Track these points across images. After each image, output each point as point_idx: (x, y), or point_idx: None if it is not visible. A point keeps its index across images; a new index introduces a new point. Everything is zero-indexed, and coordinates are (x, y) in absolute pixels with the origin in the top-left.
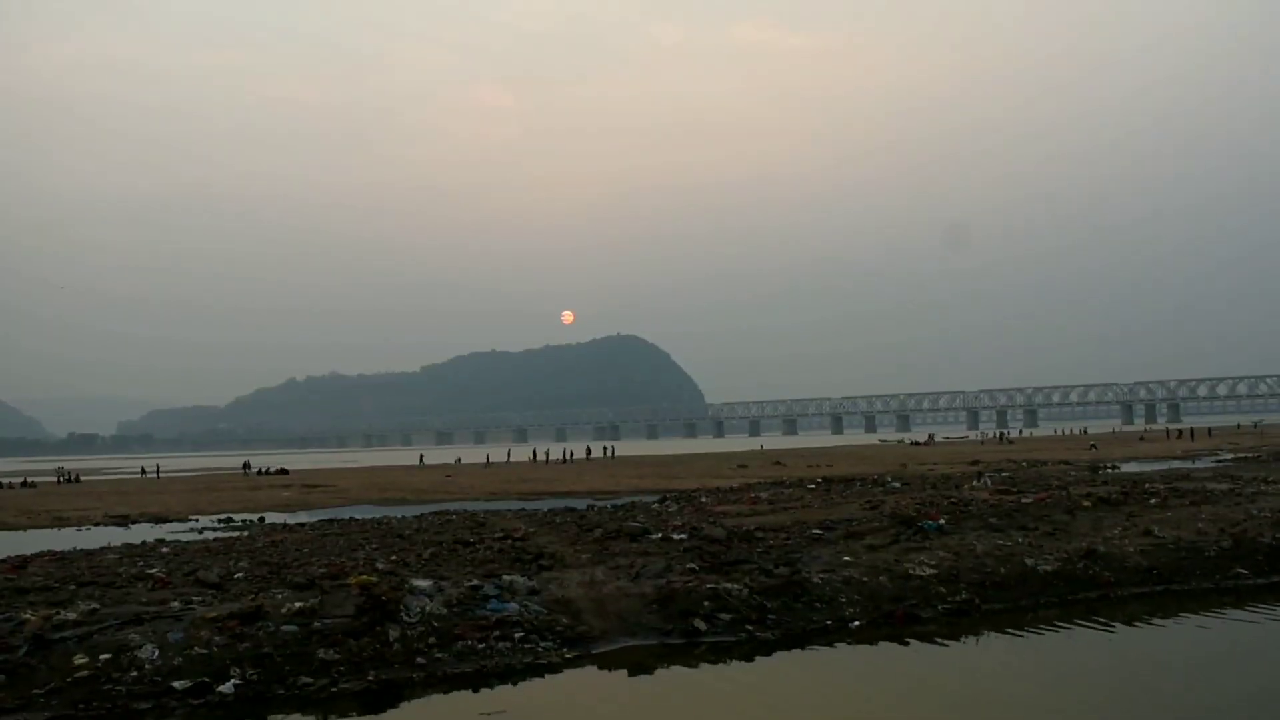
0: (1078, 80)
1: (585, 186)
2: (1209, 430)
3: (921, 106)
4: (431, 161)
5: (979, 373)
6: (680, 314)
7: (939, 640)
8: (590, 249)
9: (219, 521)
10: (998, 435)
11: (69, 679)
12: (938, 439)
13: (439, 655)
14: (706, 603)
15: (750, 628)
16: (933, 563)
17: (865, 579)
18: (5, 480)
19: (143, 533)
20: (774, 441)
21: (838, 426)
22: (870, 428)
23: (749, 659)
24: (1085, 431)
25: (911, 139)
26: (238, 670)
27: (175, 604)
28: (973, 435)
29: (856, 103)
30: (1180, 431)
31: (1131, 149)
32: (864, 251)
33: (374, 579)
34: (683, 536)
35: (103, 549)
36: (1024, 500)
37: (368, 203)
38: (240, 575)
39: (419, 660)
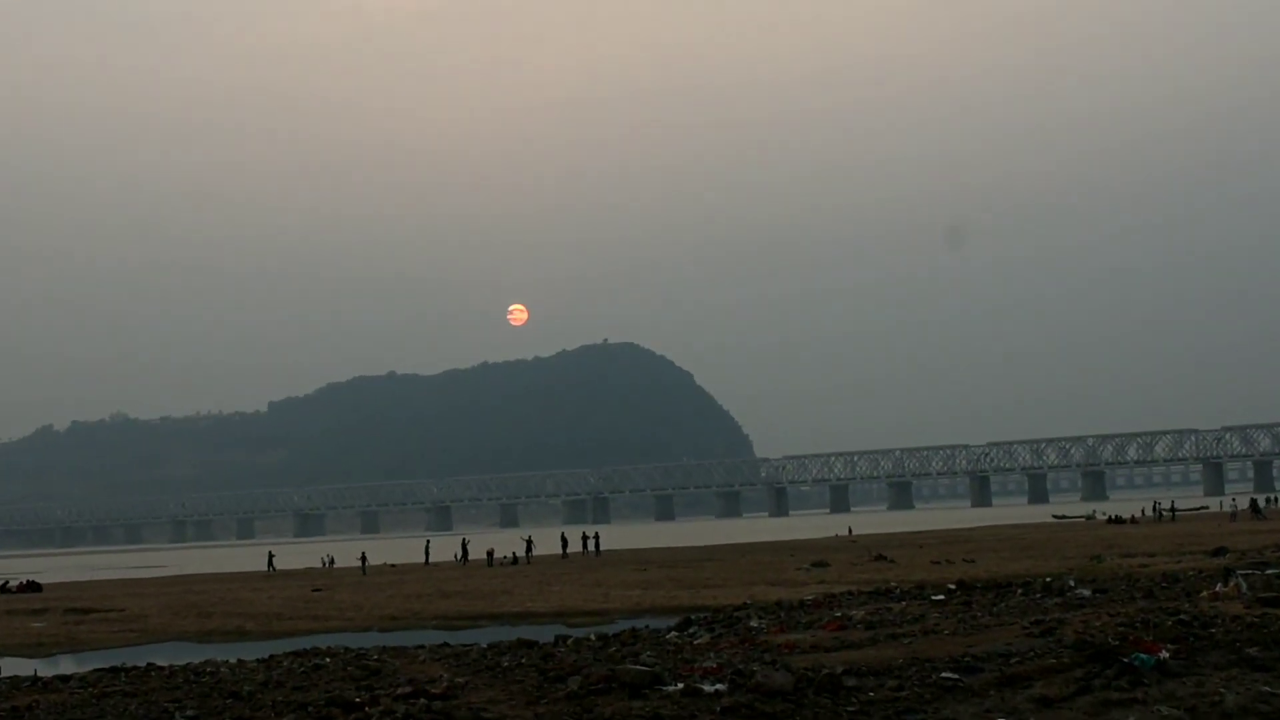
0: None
1: (544, 88)
2: None
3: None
4: (274, 54)
5: (1207, 403)
6: (710, 311)
7: None
8: (554, 198)
9: None
10: (1252, 505)
11: None
12: (1156, 511)
13: None
14: None
15: None
16: None
17: None
18: None
19: None
20: (872, 520)
21: (981, 493)
22: (1037, 494)
23: None
24: None
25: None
26: None
27: None
28: (1215, 504)
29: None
30: None
31: None
32: (1003, 211)
33: None
34: (720, 688)
35: None
36: None
37: (173, 120)
38: None
39: None
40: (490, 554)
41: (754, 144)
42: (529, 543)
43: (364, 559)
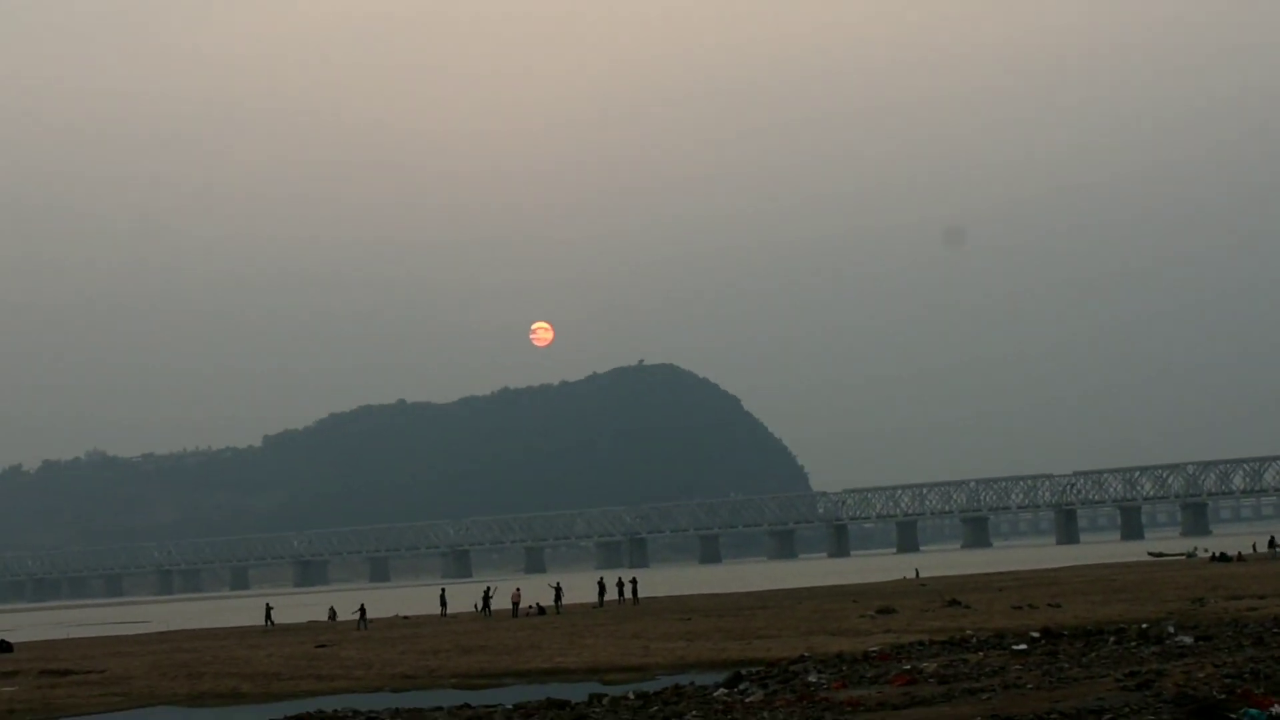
0: None
1: (572, 92)
2: None
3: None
4: (277, 58)
5: None
6: (759, 329)
7: None
8: (581, 203)
9: None
10: None
11: None
12: (1271, 546)
13: None
14: None
15: None
16: None
17: None
18: None
19: None
20: (944, 560)
21: (1067, 529)
22: (1131, 529)
23: None
24: None
25: None
26: None
27: None
28: None
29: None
30: None
31: None
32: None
33: None
34: None
35: None
36: None
37: (165, 135)
38: None
39: None
40: (515, 602)
41: (806, 149)
42: (558, 590)
43: (362, 612)
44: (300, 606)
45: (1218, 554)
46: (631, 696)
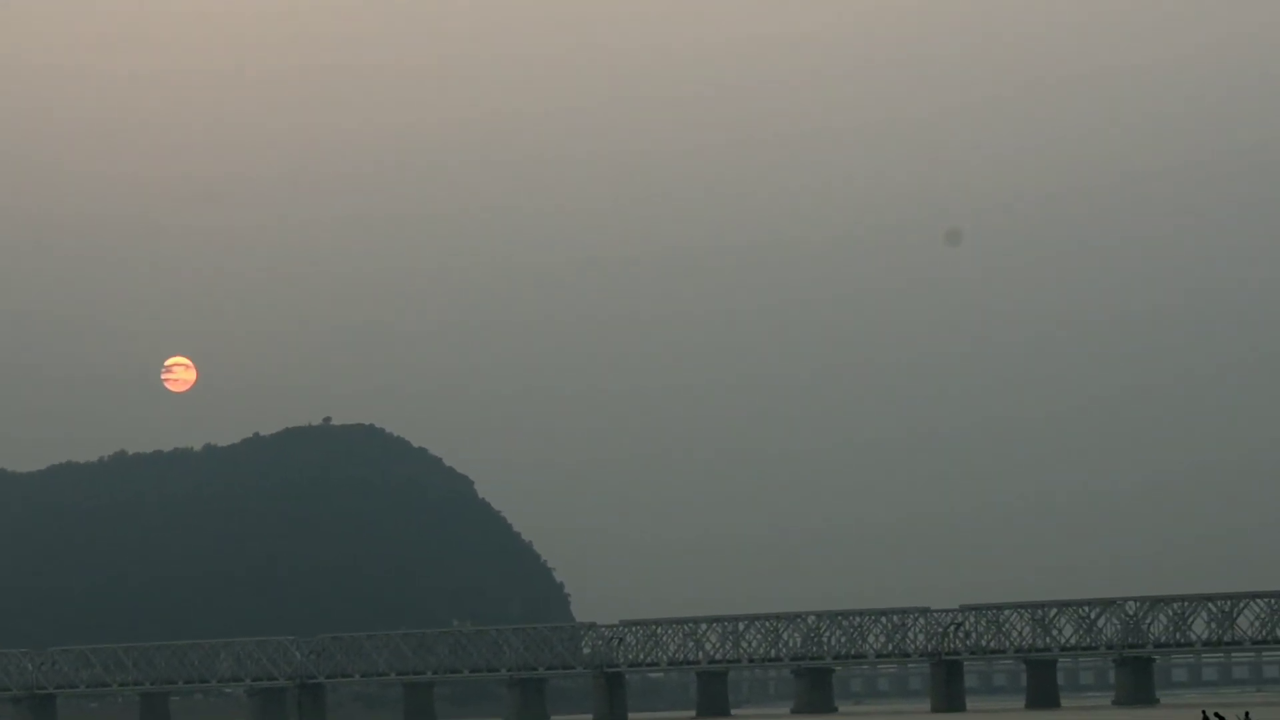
0: None
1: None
2: None
3: None
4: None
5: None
6: (502, 386)
7: None
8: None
9: None
10: None
11: None
12: None
13: None
14: None
15: None
16: None
17: None
18: None
19: None
20: None
21: (949, 688)
22: (1041, 694)
23: None
24: None
25: None
26: None
27: None
28: None
29: None
30: None
31: None
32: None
33: None
34: None
35: None
36: None
37: None
38: None
39: None
40: None
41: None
42: None
43: None
44: None
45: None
46: None
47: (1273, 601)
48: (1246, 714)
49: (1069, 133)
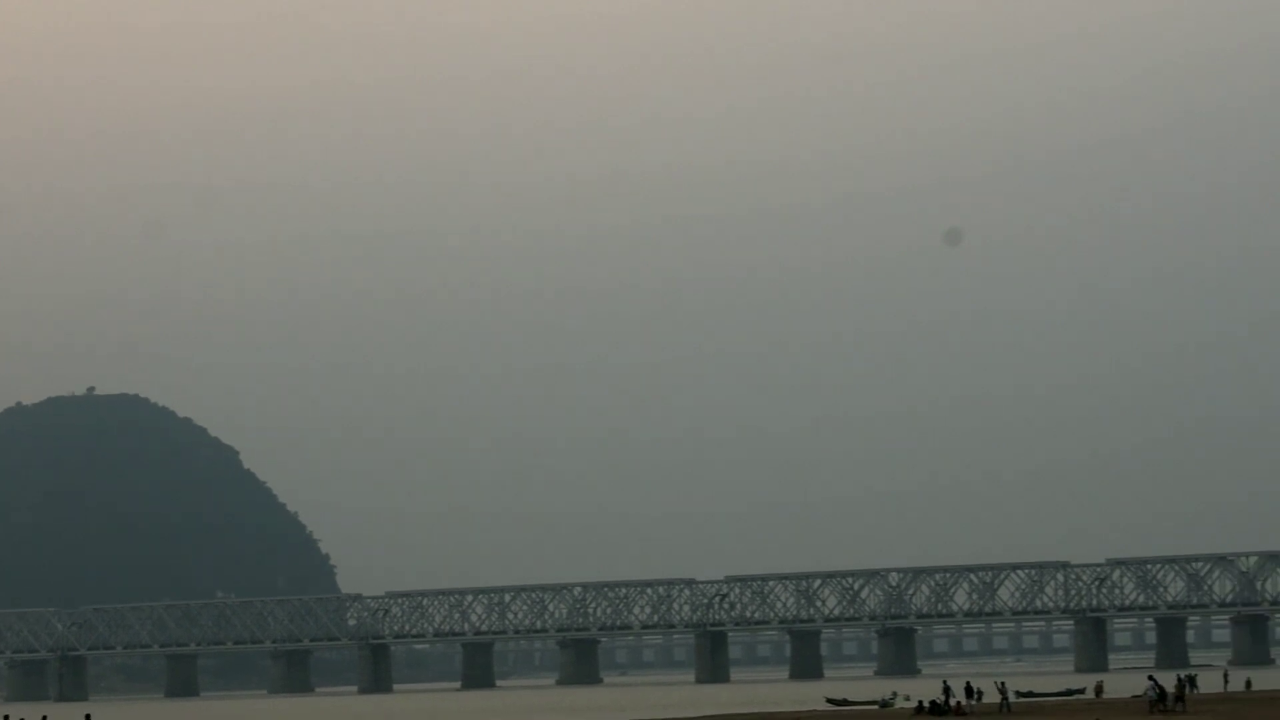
0: None
1: None
2: None
3: None
4: None
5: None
6: (269, 359)
7: None
8: None
9: None
10: (1179, 686)
11: None
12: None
13: None
14: None
15: None
16: None
17: None
18: None
19: None
20: (521, 700)
21: (714, 658)
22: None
23: None
24: None
25: None
26: None
27: None
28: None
29: None
30: None
31: None
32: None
33: None
34: None
35: None
36: None
37: None
38: None
39: None
40: None
41: None
42: None
43: None
44: None
45: (930, 702)
46: None
47: (1032, 573)
48: (1003, 684)
49: None
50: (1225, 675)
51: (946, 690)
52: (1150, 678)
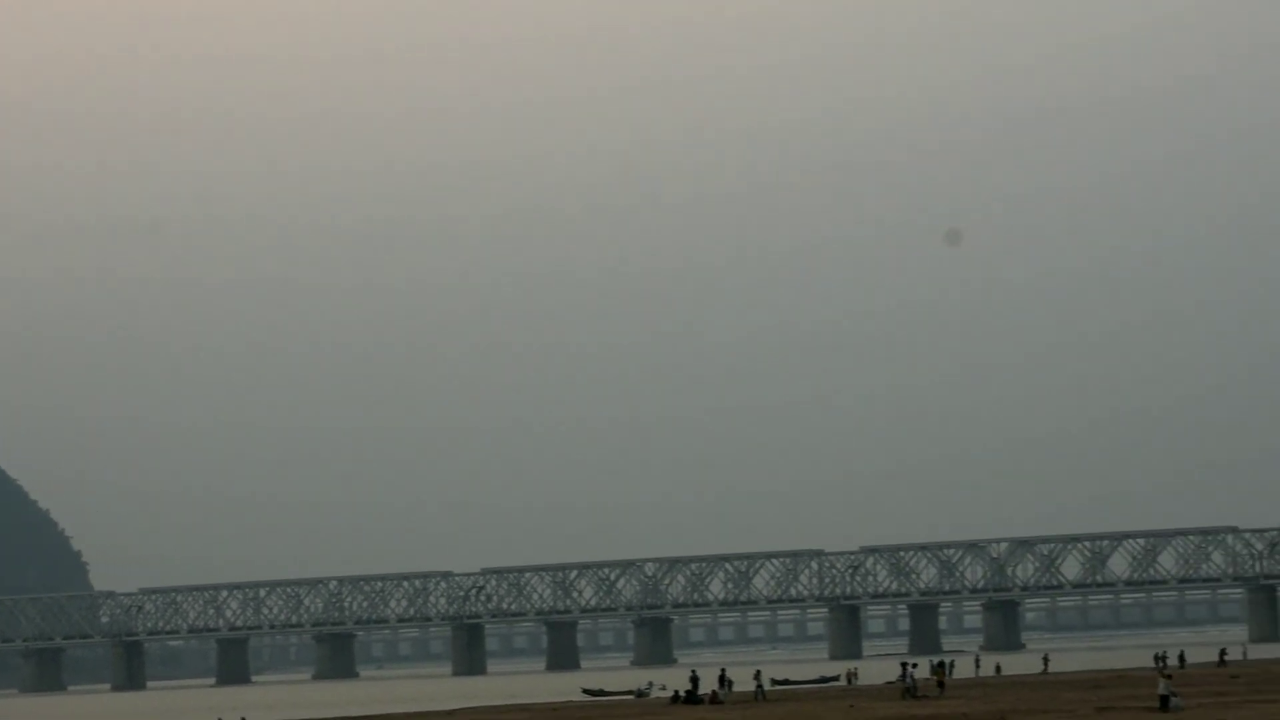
0: None
1: None
2: None
3: None
4: None
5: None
6: (17, 364)
7: None
8: None
9: None
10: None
11: None
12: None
13: None
14: None
15: None
16: None
17: None
18: None
19: None
20: (281, 695)
21: (470, 651)
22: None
23: None
24: None
25: None
26: None
27: None
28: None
29: None
30: None
31: None
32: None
33: None
34: None
35: None
36: None
37: None
38: None
39: None
40: None
41: None
42: None
43: None
44: None
45: (686, 692)
46: None
47: (787, 561)
48: (758, 672)
49: None
50: (977, 660)
51: (694, 680)
52: (903, 664)
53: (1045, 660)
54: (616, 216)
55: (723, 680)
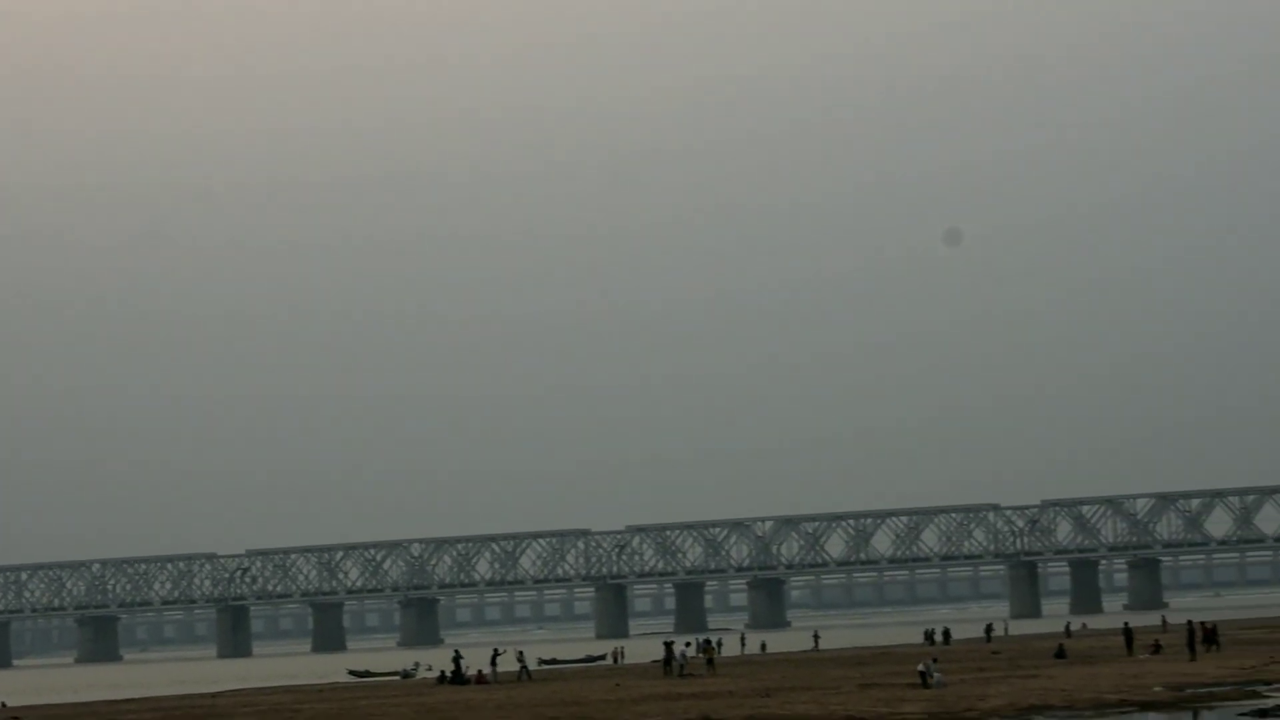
0: None
1: None
2: None
3: None
4: None
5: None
6: None
7: None
8: None
9: None
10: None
11: None
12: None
13: None
14: None
15: None
16: None
17: None
18: None
19: None
20: (34, 680)
21: (234, 634)
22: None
23: None
24: None
25: None
26: None
27: None
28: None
29: None
30: None
31: None
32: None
33: None
34: None
35: None
36: None
37: None
38: None
39: None
40: None
41: None
42: None
43: None
44: None
45: (452, 672)
46: None
47: (553, 541)
48: (520, 653)
49: None
50: (742, 638)
51: (457, 660)
52: (666, 643)
53: (816, 637)
54: None
55: (494, 660)
